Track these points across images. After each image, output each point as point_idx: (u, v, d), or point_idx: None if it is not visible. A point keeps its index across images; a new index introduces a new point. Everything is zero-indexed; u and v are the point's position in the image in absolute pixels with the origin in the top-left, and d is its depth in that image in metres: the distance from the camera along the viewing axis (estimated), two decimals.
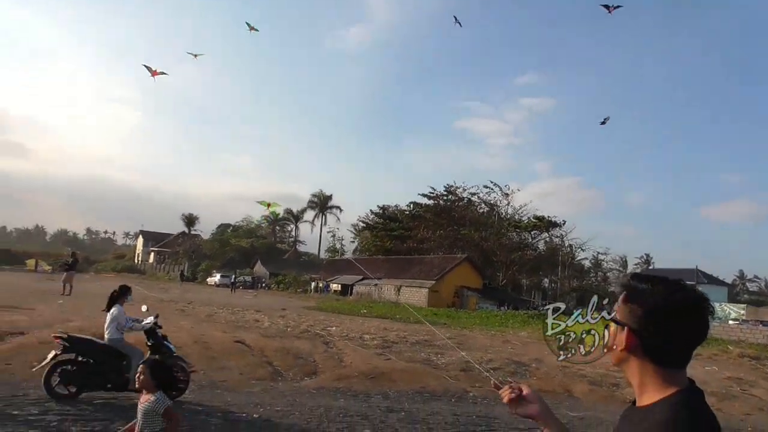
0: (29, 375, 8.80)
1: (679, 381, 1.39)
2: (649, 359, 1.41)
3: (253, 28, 17.82)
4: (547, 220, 63.03)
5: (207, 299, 30.99)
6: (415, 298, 46.68)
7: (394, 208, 76.44)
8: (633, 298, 1.45)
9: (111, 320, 7.94)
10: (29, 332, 11.75)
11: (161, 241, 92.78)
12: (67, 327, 12.62)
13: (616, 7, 19.02)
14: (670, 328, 1.38)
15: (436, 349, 15.57)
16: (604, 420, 9.98)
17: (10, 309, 15.88)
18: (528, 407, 1.71)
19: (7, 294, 21.52)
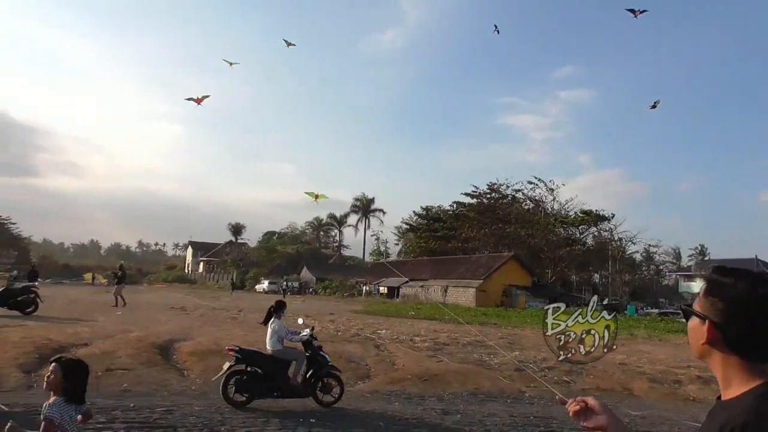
0: (94, 384, 9.14)
1: (764, 374, 1.36)
2: (733, 352, 1.38)
3: (291, 44, 18.12)
4: (595, 214, 61.56)
5: (257, 306, 31.50)
6: (462, 298, 46.31)
7: (437, 209, 76.14)
8: (715, 291, 1.42)
9: (272, 333, 8.73)
10: (92, 343, 12.18)
11: (209, 251, 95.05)
12: (128, 337, 13.07)
13: (642, 11, 18.49)
14: (753, 322, 1.35)
15: (489, 350, 15.37)
16: (667, 418, 9.64)
17: (74, 321, 16.55)
18: (595, 419, 1.65)
19: (70, 307, 22.46)
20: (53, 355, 10.82)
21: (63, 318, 17.38)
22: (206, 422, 7.17)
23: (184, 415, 7.44)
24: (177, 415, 7.44)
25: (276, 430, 7.11)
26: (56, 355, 3.88)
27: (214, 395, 9.02)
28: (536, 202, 66.25)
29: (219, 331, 15.88)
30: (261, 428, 7.09)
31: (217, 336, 14.26)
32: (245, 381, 8.18)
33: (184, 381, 10.15)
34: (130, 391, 8.88)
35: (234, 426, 7.09)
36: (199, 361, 11.38)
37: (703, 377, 13.13)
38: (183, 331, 15.33)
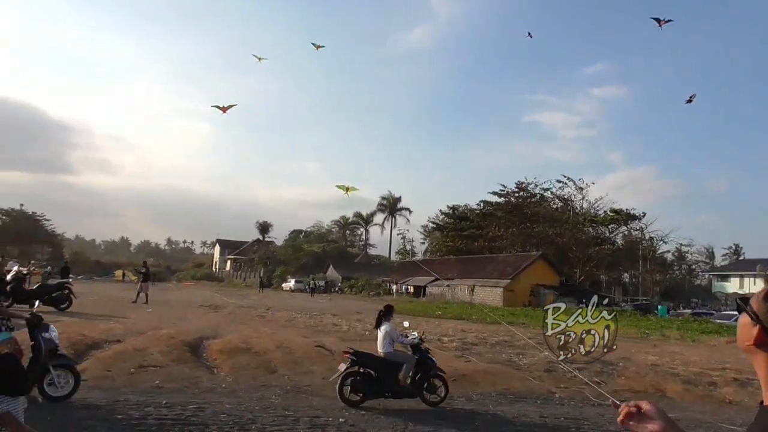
0: (127, 381, 9.32)
1: None
2: None
3: (320, 46, 18.14)
4: (625, 212, 60.53)
5: (284, 304, 31.79)
6: (489, 297, 45.98)
7: (464, 208, 75.75)
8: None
9: (384, 336, 9.09)
10: (125, 339, 12.40)
11: (237, 249, 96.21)
12: (158, 334, 13.28)
13: (668, 21, 18.11)
14: None
15: (518, 350, 15.23)
16: (702, 421, 9.41)
17: (106, 318, 16.89)
18: (649, 424, 1.53)
19: (102, 303, 22.95)
20: (88, 351, 11.09)
21: (95, 314, 17.74)
22: (237, 420, 7.23)
23: (216, 413, 7.52)
24: (208, 413, 7.52)
25: (306, 428, 7.12)
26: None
27: (243, 393, 9.14)
28: (565, 200, 65.45)
29: (247, 329, 16.02)
30: (291, 427, 7.12)
31: (246, 334, 14.38)
32: (359, 381, 8.64)
33: (214, 378, 10.26)
34: (162, 388, 9.01)
35: (265, 424, 7.13)
36: (228, 359, 11.50)
37: (740, 379, 12.79)
38: (212, 328, 15.52)
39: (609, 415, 9.21)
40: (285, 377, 10.55)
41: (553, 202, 66.85)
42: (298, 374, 10.85)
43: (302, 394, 9.43)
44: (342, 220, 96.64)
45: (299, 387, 9.94)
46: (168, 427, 6.74)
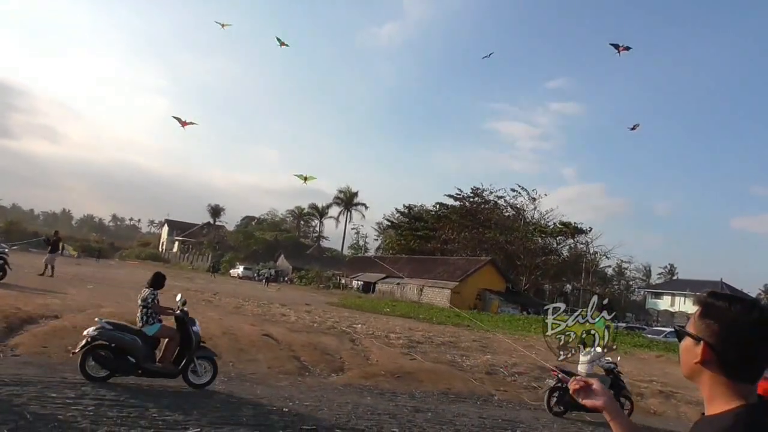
0: (65, 358, 9.01)
1: (747, 395, 1.45)
2: (722, 372, 1.47)
3: (284, 44, 17.72)
4: (573, 226, 62.32)
5: (232, 291, 31.35)
6: (437, 298, 46.57)
7: (419, 208, 76.39)
8: (710, 314, 1.51)
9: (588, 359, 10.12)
10: (63, 316, 11.98)
11: (186, 231, 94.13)
12: (100, 312, 12.88)
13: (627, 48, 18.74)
14: (745, 344, 1.45)
15: (462, 351, 15.52)
16: None
17: (43, 292, 16.25)
18: (596, 398, 1.79)
19: (38, 277, 21.99)
20: (22, 325, 10.67)
21: (32, 288, 17.03)
22: (178, 405, 7.12)
23: (157, 396, 7.39)
24: (149, 396, 7.38)
25: (249, 416, 7.09)
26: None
27: None
28: (517, 209, 66.89)
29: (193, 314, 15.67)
30: (233, 413, 7.07)
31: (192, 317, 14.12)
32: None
33: None
34: None
35: (207, 410, 7.06)
36: None
37: (665, 392, 13.45)
38: None
39: (544, 419, 9.54)
40: (230, 364, 10.44)
41: (506, 209, 68.25)
42: (244, 362, 10.76)
43: (246, 382, 9.36)
44: (297, 210, 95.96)
45: (244, 375, 9.87)
46: (106, 407, 6.59)
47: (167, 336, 8.20)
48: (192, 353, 8.03)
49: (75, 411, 6.30)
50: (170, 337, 8.18)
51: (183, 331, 8.15)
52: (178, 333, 8.16)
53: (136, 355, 7.71)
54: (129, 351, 7.69)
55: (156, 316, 8.25)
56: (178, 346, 8.10)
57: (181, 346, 8.08)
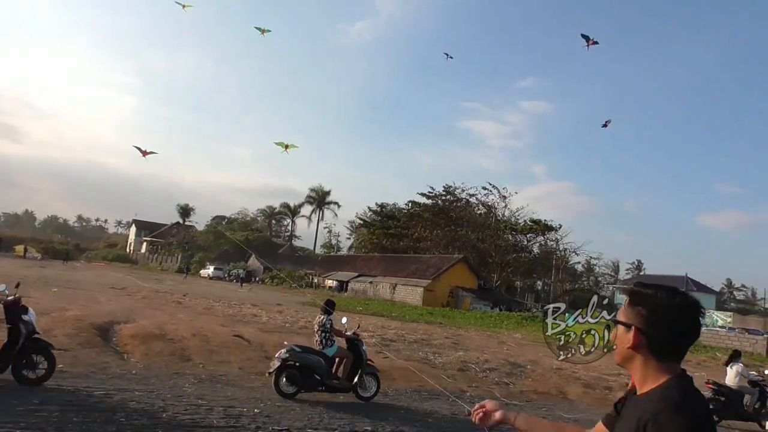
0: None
1: (674, 370, 1.63)
2: (652, 355, 1.63)
3: (265, 30, 17.17)
4: (544, 223, 63.16)
5: (202, 292, 30.95)
6: (410, 296, 46.74)
7: (392, 206, 76.51)
8: (639, 301, 1.67)
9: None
10: None
11: (155, 231, 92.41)
12: (65, 315, 12.62)
13: (595, 42, 19.10)
14: (671, 327, 1.62)
15: (434, 349, 15.62)
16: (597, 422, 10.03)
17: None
18: (494, 416, 1.98)
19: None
20: None
21: None
22: (147, 407, 7.02)
23: (124, 400, 7.26)
24: (116, 399, 7.25)
25: (220, 418, 7.02)
26: None
27: (155, 380, 8.86)
28: (489, 207, 67.47)
29: (163, 315, 15.51)
30: (204, 416, 6.99)
31: (161, 320, 13.92)
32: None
33: (124, 364, 9.88)
34: (66, 372, 8.56)
35: (176, 413, 6.96)
36: (140, 345, 11.10)
37: None
38: (124, 312, 14.90)
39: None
40: (200, 366, 10.33)
41: (478, 207, 68.79)
42: (214, 363, 10.65)
43: (217, 384, 9.27)
44: (268, 210, 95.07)
45: (215, 376, 9.76)
46: (71, 412, 6.44)
47: (343, 356, 9.17)
48: (363, 370, 9.02)
49: (39, 417, 6.15)
50: (345, 356, 9.16)
51: (355, 351, 9.17)
52: (351, 353, 9.17)
53: (320, 373, 8.67)
54: (315, 370, 8.66)
55: (332, 338, 9.28)
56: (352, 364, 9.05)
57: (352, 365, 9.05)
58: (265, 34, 17.22)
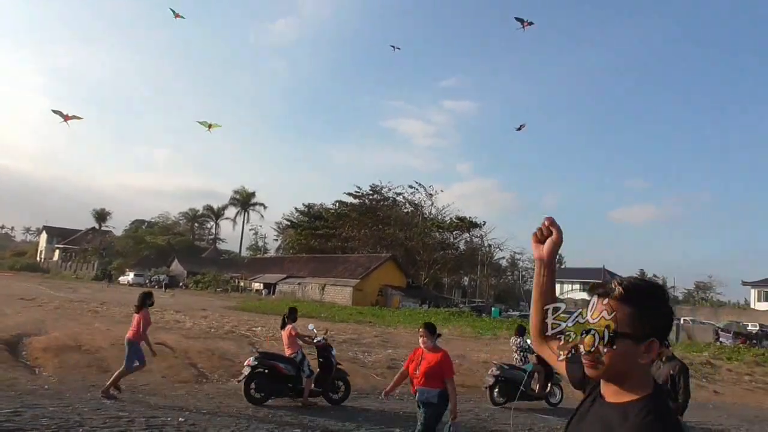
0: None
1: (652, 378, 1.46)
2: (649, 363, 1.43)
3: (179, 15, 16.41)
4: (469, 220, 64.85)
5: (121, 299, 29.52)
6: (339, 296, 46.70)
7: (319, 207, 76.09)
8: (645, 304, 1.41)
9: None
10: None
11: (68, 238, 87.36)
12: None
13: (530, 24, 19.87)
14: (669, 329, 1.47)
15: (364, 348, 15.70)
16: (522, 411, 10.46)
17: None
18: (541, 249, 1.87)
19: None
20: None
21: None
22: (61, 423, 6.64)
23: (35, 417, 6.83)
24: (26, 417, 6.81)
25: (142, 429, 6.75)
26: None
27: (71, 394, 8.41)
28: (415, 206, 68.54)
29: (78, 326, 14.69)
30: (124, 429, 6.71)
31: (76, 331, 13.20)
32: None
33: (35, 379, 9.30)
34: None
35: (94, 427, 6.63)
36: (53, 358, 10.50)
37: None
38: (35, 324, 13.99)
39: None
40: None
41: (405, 206, 69.73)
42: (135, 373, 10.18)
43: (139, 394, 8.91)
44: (191, 212, 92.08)
45: (136, 387, 9.36)
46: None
47: (538, 371, 10.69)
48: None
49: None
50: (539, 372, 10.69)
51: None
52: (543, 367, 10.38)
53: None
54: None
55: (527, 356, 11.06)
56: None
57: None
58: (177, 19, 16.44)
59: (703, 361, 19.73)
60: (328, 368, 9.34)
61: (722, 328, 36.62)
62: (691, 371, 18.92)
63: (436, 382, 5.64)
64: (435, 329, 6.05)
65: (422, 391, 5.69)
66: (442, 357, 5.69)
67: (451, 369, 5.73)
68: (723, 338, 32.49)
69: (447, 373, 5.66)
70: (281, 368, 8.86)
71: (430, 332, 5.85)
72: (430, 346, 5.80)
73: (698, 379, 16.68)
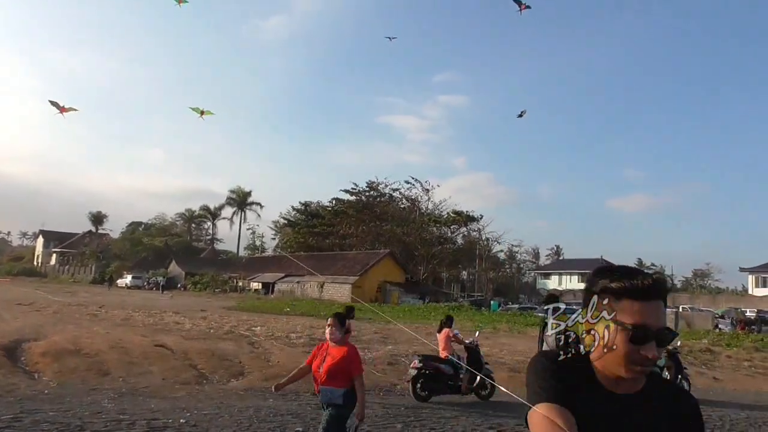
0: None
1: None
2: None
3: (182, 1, 15.69)
4: (466, 214, 64.88)
5: (120, 302, 29.52)
6: (338, 294, 46.71)
7: (316, 205, 75.97)
8: None
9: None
10: None
11: (65, 241, 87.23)
12: None
13: (527, 7, 19.77)
14: None
15: (363, 344, 15.69)
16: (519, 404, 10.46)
17: None
18: None
19: None
20: None
21: None
22: (62, 428, 6.62)
23: (36, 422, 6.81)
24: (26, 423, 6.79)
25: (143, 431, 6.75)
26: None
27: (71, 399, 8.39)
28: (412, 201, 68.50)
29: (78, 329, 14.67)
30: (126, 431, 6.69)
31: (75, 335, 13.19)
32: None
33: (35, 384, 9.27)
34: None
35: (95, 430, 6.62)
36: (52, 363, 10.47)
37: None
38: (34, 329, 13.97)
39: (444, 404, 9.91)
40: (120, 379, 9.87)
41: (401, 202, 69.68)
42: (135, 375, 10.20)
43: (139, 397, 8.88)
44: (187, 213, 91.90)
45: (136, 389, 9.35)
46: None
47: None
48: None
49: None
50: None
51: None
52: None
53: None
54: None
55: None
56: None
57: None
58: (181, 5, 15.76)
59: (703, 348, 19.83)
60: (477, 367, 10.08)
61: (721, 315, 36.78)
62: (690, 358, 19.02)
63: (341, 381, 4.98)
64: (345, 319, 5.38)
65: (326, 390, 5.06)
66: (349, 351, 5.05)
67: (359, 365, 5.08)
68: (722, 325, 32.63)
69: (354, 370, 5.02)
70: (442, 369, 9.99)
71: (340, 323, 5.14)
72: (337, 338, 5.09)
73: (698, 366, 16.77)
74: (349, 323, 9.36)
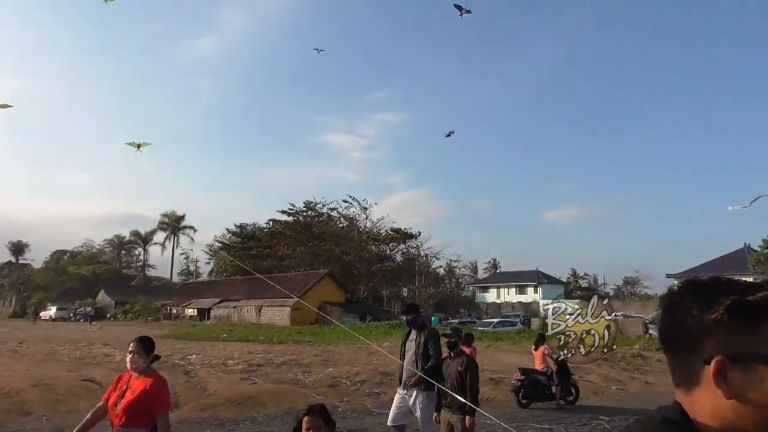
0: None
1: None
2: None
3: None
4: (404, 231, 65.51)
5: (44, 336, 27.85)
6: (277, 317, 45.93)
7: (252, 226, 74.73)
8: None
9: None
10: None
11: None
12: None
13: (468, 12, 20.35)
14: None
15: (303, 368, 15.50)
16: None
17: None
18: None
19: None
20: None
21: None
22: None
23: None
24: None
25: None
26: None
27: None
28: (350, 220, 68.50)
29: None
30: None
31: None
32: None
33: None
34: None
35: None
36: None
37: (495, 379, 14.73)
38: None
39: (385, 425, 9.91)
40: (44, 419, 9.30)
41: (340, 221, 69.54)
42: (61, 414, 9.64)
43: None
44: (116, 239, 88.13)
45: (62, 429, 8.83)
46: None
47: None
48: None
49: None
50: None
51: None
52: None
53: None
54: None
55: None
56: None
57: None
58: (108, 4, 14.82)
59: (634, 353, 20.72)
60: (566, 378, 11.98)
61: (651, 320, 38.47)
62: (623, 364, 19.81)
63: (141, 420, 3.98)
64: (152, 346, 4.35)
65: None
66: (153, 384, 4.06)
67: (164, 401, 4.12)
68: (652, 330, 34.10)
69: (157, 407, 4.03)
70: (541, 380, 11.84)
71: (144, 348, 4.23)
72: (141, 368, 4.15)
73: (630, 371, 17.52)
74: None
